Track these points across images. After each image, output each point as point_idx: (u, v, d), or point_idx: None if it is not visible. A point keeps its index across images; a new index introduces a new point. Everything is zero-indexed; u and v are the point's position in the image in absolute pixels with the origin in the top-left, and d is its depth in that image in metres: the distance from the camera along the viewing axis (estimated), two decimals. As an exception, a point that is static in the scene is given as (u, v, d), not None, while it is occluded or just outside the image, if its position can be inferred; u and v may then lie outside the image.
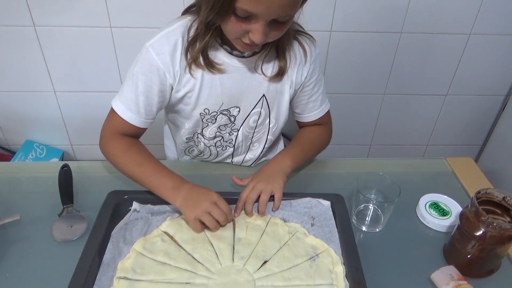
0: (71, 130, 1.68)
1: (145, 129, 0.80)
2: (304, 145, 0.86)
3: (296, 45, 0.78)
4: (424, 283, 0.66)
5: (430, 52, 1.50)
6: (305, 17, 0.79)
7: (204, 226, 0.70)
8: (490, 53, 1.51)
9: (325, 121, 0.90)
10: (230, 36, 0.68)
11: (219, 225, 0.71)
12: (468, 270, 0.66)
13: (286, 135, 1.26)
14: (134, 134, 0.79)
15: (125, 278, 0.63)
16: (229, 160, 0.92)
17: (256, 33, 0.63)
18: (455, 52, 1.51)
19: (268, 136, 0.88)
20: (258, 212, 0.75)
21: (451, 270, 0.65)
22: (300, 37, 0.79)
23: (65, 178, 0.78)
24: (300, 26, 0.80)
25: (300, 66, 0.79)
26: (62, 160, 1.70)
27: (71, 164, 0.81)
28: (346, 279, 0.63)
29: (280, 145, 1.00)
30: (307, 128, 0.89)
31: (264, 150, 0.90)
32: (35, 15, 1.36)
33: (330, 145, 0.91)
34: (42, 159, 1.65)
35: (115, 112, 0.76)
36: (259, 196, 0.75)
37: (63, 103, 1.58)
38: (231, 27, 0.64)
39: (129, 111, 0.76)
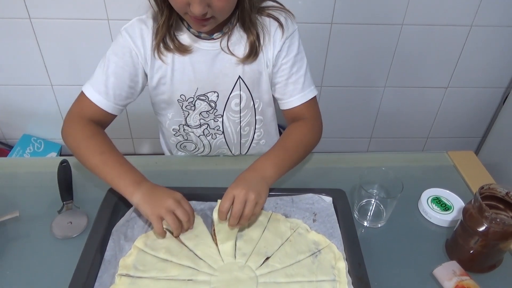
0: (69, 124, 1.66)
1: (113, 117, 0.78)
2: (288, 147, 0.77)
3: (268, 21, 0.76)
4: (427, 279, 0.66)
5: (431, 44, 1.49)
6: (305, 9, 0.77)
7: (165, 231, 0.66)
8: (492, 45, 1.50)
9: (311, 112, 0.82)
10: (179, 12, 0.67)
11: (182, 227, 0.67)
12: (470, 265, 0.66)
13: (282, 126, 1.22)
14: (101, 120, 0.77)
15: (127, 275, 0.63)
16: (227, 152, 0.91)
17: (194, 4, 0.62)
18: (456, 44, 1.50)
19: (257, 117, 0.86)
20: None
21: (454, 265, 0.65)
22: (274, 12, 0.77)
23: (64, 174, 0.77)
24: (277, 2, 0.79)
25: (274, 41, 0.77)
26: (61, 154, 1.69)
27: (70, 160, 0.80)
28: (348, 275, 0.63)
29: (276, 133, 0.96)
30: (291, 127, 0.81)
31: (256, 130, 0.88)
32: (30, 6, 1.33)
33: (330, 139, 0.89)
34: (40, 154, 1.64)
35: (84, 95, 0.76)
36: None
37: (61, 97, 1.57)
38: (173, 1, 0.65)
39: (97, 93, 0.75)
